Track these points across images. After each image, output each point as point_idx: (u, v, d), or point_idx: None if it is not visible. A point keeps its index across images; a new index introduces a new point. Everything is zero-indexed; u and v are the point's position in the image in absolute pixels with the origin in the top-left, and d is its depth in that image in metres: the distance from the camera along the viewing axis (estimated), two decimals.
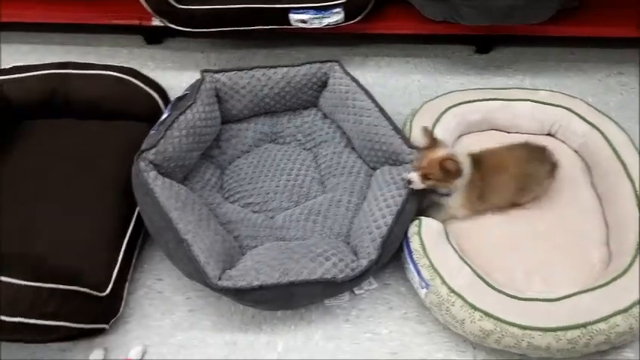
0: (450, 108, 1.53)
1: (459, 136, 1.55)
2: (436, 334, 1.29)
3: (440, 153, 1.26)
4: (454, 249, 1.25)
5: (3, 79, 1.55)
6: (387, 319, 1.32)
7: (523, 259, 1.29)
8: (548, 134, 1.55)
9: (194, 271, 1.21)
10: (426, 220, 1.29)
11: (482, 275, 1.20)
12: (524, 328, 1.11)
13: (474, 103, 1.55)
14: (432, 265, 1.21)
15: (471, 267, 1.21)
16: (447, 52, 1.97)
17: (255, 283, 1.19)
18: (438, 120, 1.50)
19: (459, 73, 1.90)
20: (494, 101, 1.55)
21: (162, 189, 1.30)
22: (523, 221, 1.35)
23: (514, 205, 1.38)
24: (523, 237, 1.33)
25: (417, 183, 1.29)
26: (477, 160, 1.30)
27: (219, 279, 1.20)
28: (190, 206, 1.32)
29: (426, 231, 1.27)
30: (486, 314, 1.13)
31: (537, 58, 1.93)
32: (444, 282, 1.19)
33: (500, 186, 1.31)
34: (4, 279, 1.12)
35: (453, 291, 1.17)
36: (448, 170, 1.24)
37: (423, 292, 1.23)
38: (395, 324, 1.31)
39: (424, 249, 1.24)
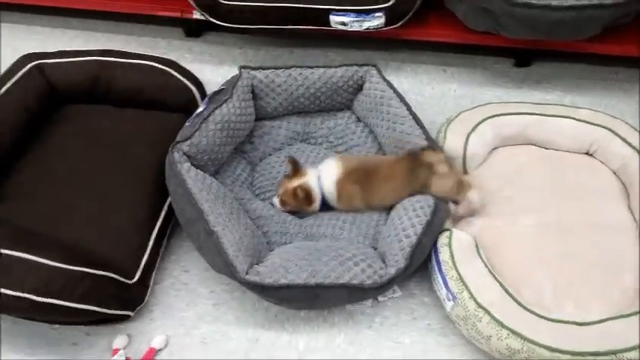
0: (486, 119, 1.51)
1: (494, 149, 1.53)
2: (459, 347, 1.28)
3: (295, 183, 1.39)
4: (484, 263, 1.23)
5: (48, 63, 1.58)
6: (411, 329, 1.31)
7: (554, 279, 1.26)
8: (587, 153, 1.52)
9: (222, 264, 1.21)
10: (456, 232, 1.28)
11: (512, 292, 1.18)
12: (553, 350, 1.09)
13: (512, 116, 1.52)
14: (460, 277, 1.20)
15: (500, 283, 1.19)
16: (486, 63, 1.95)
17: (283, 281, 1.19)
18: (473, 130, 1.49)
19: (496, 85, 1.87)
20: (532, 116, 1.53)
21: (194, 181, 1.31)
22: (557, 240, 1.33)
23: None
24: (556, 256, 1.30)
25: (278, 207, 1.43)
26: (359, 171, 1.39)
27: (247, 273, 1.21)
28: (221, 199, 1.33)
29: (457, 243, 1.26)
30: (514, 332, 1.12)
31: (579, 75, 1.89)
32: (471, 296, 1.17)
33: (387, 191, 1.39)
34: (39, 260, 1.14)
35: (480, 306, 1.16)
36: (300, 199, 1.38)
37: (449, 304, 1.22)
38: (418, 334, 1.30)
39: (453, 261, 1.23)
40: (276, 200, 1.43)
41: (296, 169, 1.42)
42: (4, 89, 1.48)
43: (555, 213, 1.37)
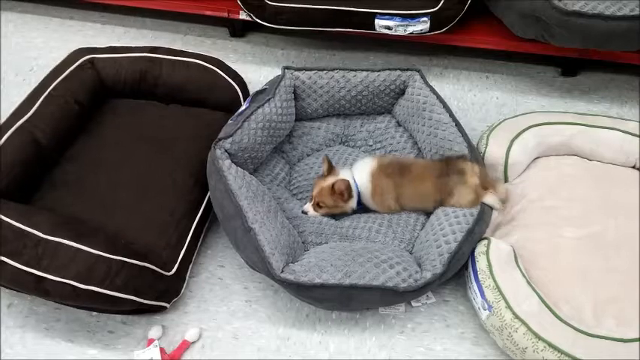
0: (530, 127, 1.49)
1: (537, 158, 1.50)
2: (493, 358, 1.26)
3: (330, 180, 1.37)
4: (522, 274, 1.21)
5: (100, 57, 1.63)
6: (443, 336, 1.30)
7: (595, 294, 1.23)
8: (634, 167, 1.48)
9: (258, 261, 1.23)
10: (495, 242, 1.26)
11: (550, 305, 1.16)
12: None
13: (556, 125, 1.50)
14: (497, 287, 1.18)
15: (539, 294, 1.17)
16: (530, 71, 1.92)
17: (317, 280, 1.20)
18: (515, 138, 1.46)
19: (540, 94, 1.84)
20: (577, 126, 1.50)
21: (235, 177, 1.33)
22: (600, 254, 1.30)
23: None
24: (598, 270, 1.27)
25: (312, 212, 1.41)
26: (393, 165, 1.40)
27: (282, 271, 1.22)
28: (260, 197, 1.34)
29: (495, 252, 1.24)
30: (551, 345, 1.10)
31: (627, 86, 1.85)
32: (508, 306, 1.16)
33: (417, 193, 1.39)
34: (83, 247, 1.18)
35: (517, 317, 1.14)
36: (338, 192, 1.36)
37: (484, 313, 1.20)
38: (451, 342, 1.29)
39: (491, 270, 1.21)
40: (308, 206, 1.42)
41: (331, 167, 1.41)
42: (57, 81, 1.54)
43: (599, 227, 1.34)
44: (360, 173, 1.40)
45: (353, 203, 1.41)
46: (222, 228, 1.36)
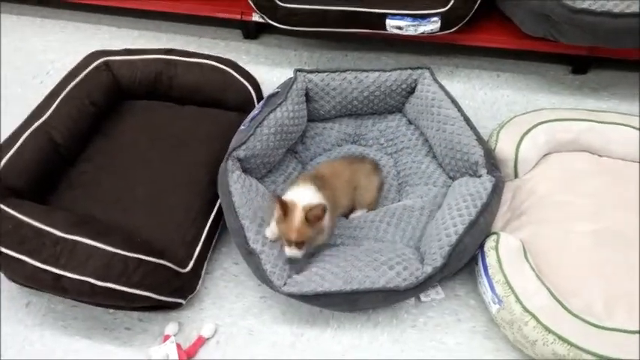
0: (540, 124, 1.49)
1: (547, 154, 1.51)
2: (505, 352, 1.27)
3: (298, 213, 1.22)
4: (532, 268, 1.22)
5: (115, 60, 1.66)
6: (455, 330, 1.31)
7: (606, 288, 1.23)
8: None
9: (260, 278, 1.28)
10: (504, 236, 1.28)
11: (560, 299, 1.17)
12: (601, 357, 1.07)
13: (566, 122, 1.50)
14: (507, 281, 1.20)
15: (548, 288, 1.18)
16: (541, 69, 1.92)
17: (320, 289, 1.23)
18: (526, 134, 1.47)
19: (551, 92, 1.85)
20: (587, 122, 1.50)
21: (240, 194, 1.34)
22: (611, 249, 1.30)
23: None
24: (609, 264, 1.27)
25: (297, 253, 1.25)
26: (320, 178, 1.36)
27: (285, 284, 1.26)
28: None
29: (504, 247, 1.25)
30: (560, 338, 1.11)
31: (637, 83, 1.84)
32: (518, 300, 1.17)
33: (342, 192, 1.42)
34: (101, 245, 1.21)
35: (527, 310, 1.15)
36: (315, 218, 1.22)
37: (494, 307, 1.21)
38: (463, 336, 1.30)
39: (500, 265, 1.22)
40: (288, 250, 1.25)
41: (285, 205, 1.23)
42: (73, 83, 1.58)
43: (609, 221, 1.34)
44: (307, 193, 1.29)
45: (326, 219, 1.27)
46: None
